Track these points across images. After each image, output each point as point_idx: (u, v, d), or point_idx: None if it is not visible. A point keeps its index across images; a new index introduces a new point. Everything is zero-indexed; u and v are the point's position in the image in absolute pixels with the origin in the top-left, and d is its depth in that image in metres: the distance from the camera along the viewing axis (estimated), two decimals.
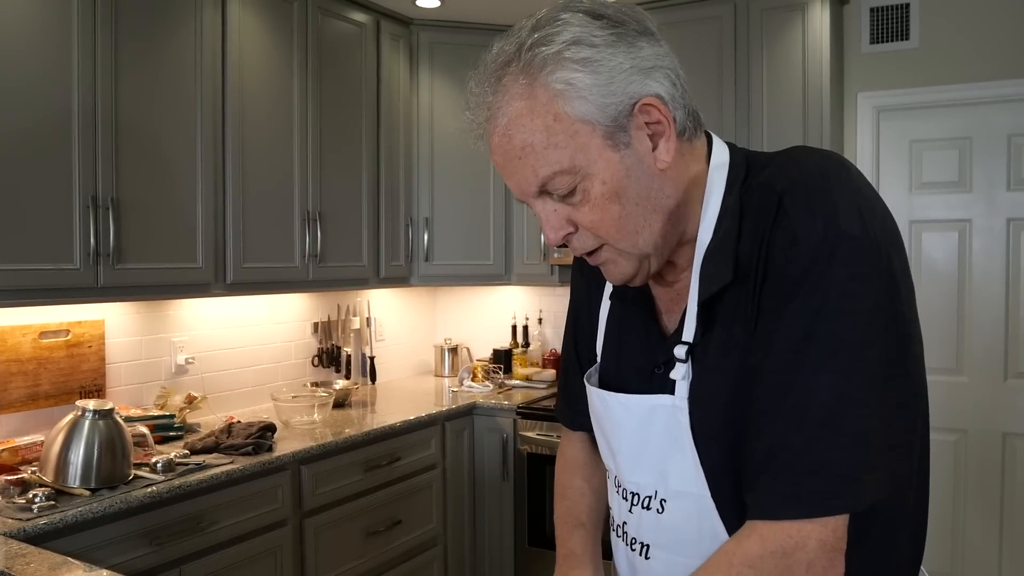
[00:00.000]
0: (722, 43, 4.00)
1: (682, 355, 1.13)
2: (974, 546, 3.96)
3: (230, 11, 3.34)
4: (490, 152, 1.12)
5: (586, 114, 1.04)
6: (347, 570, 3.40)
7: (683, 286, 1.19)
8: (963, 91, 3.93)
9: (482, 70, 1.11)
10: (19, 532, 2.24)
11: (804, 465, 0.98)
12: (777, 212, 1.04)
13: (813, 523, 0.98)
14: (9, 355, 2.95)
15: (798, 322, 1.01)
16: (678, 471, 1.15)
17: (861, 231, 1.00)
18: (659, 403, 1.16)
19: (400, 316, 4.99)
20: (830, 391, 0.98)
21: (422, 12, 4.34)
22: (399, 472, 3.69)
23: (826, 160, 1.09)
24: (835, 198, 1.02)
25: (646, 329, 1.25)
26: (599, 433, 1.32)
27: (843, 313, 0.99)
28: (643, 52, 1.07)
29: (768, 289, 1.05)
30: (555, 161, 1.05)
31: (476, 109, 1.11)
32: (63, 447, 2.54)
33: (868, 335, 1.00)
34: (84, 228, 2.80)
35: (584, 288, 1.42)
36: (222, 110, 3.33)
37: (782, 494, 0.99)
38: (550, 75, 1.04)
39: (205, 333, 3.74)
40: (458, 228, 4.55)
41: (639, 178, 1.08)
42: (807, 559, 0.98)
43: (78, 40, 2.78)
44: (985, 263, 3.94)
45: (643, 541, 1.22)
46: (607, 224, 1.09)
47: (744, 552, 1.00)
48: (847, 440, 0.97)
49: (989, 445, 3.94)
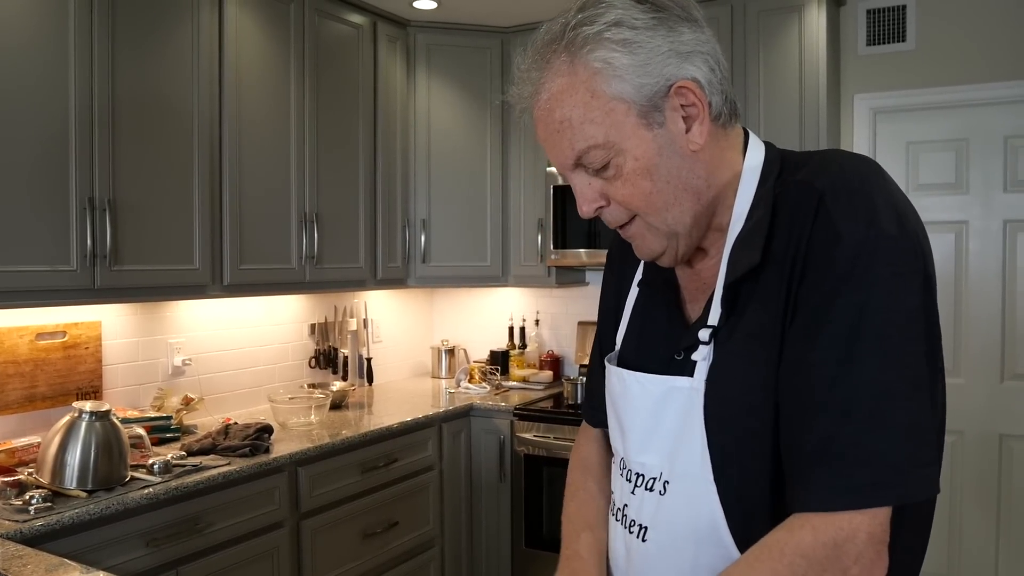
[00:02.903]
0: (719, 44, 3.99)
1: (705, 338, 1.15)
2: (971, 547, 3.96)
3: (227, 13, 3.34)
4: (535, 124, 1.18)
5: (622, 93, 1.10)
6: (344, 572, 3.39)
7: (710, 275, 1.22)
8: (960, 93, 3.93)
9: (529, 48, 1.17)
10: (16, 534, 2.23)
11: (855, 457, 1.00)
12: (818, 210, 1.07)
13: (863, 515, 1.00)
14: (6, 357, 2.95)
15: (844, 317, 1.03)
16: (685, 454, 1.17)
17: (900, 232, 1.04)
18: (677, 384, 1.18)
19: (397, 317, 4.99)
20: (878, 385, 1.01)
21: (419, 14, 4.34)
22: (396, 474, 3.69)
23: (864, 164, 1.12)
24: (875, 200, 1.06)
25: (668, 316, 1.28)
26: (611, 414, 1.34)
27: (888, 310, 1.02)
28: (683, 37, 1.12)
29: (809, 284, 1.07)
30: (590, 136, 1.11)
31: (522, 84, 1.17)
32: (60, 449, 2.54)
33: (913, 332, 1.03)
34: (81, 230, 2.80)
35: (614, 284, 1.46)
36: (219, 112, 3.33)
37: (834, 486, 1.01)
38: (590, 53, 1.10)
39: (202, 335, 3.74)
40: (455, 230, 4.55)
41: (671, 157, 1.13)
42: (856, 551, 1.00)
43: (74, 41, 2.78)
44: (982, 265, 3.95)
45: (642, 523, 1.23)
46: (638, 199, 1.14)
47: (797, 542, 1.02)
48: (896, 432, 1.00)
49: (986, 447, 3.94)
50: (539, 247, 4.53)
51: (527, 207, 4.57)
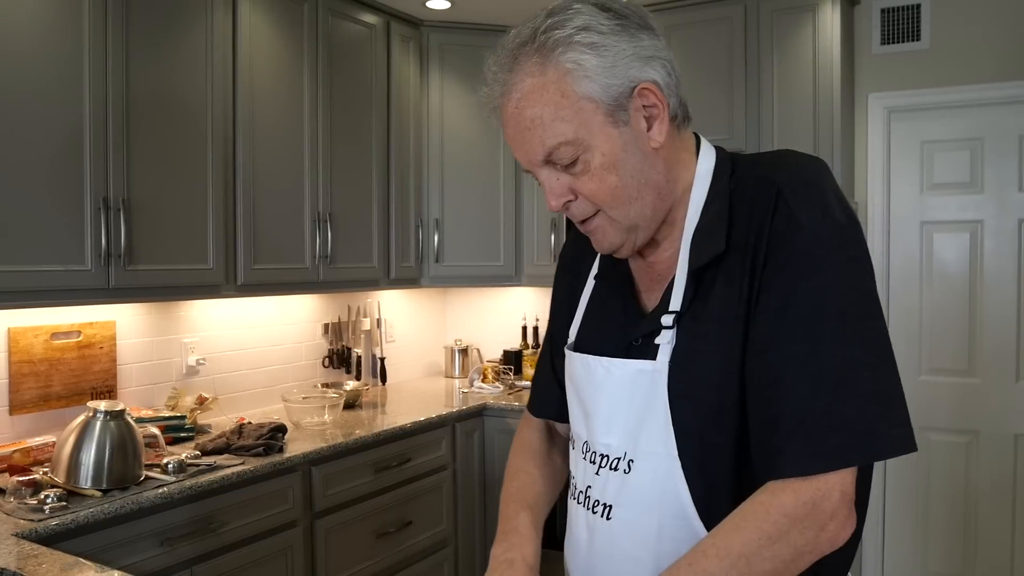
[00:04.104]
0: (732, 44, 3.99)
1: (669, 323, 1.23)
2: (986, 547, 3.94)
3: (241, 12, 3.35)
4: (502, 124, 1.25)
5: (591, 92, 1.17)
6: (358, 571, 3.40)
7: (664, 266, 1.31)
8: (975, 92, 3.91)
9: (499, 51, 1.24)
10: (31, 533, 2.24)
11: (828, 425, 1.09)
12: (777, 202, 1.18)
13: (836, 475, 1.10)
14: (21, 356, 2.96)
15: (808, 299, 1.13)
16: (648, 432, 1.24)
17: (848, 221, 1.17)
18: (641, 367, 1.25)
19: (410, 317, 5.00)
20: (844, 358, 1.11)
21: (432, 13, 4.34)
22: (409, 473, 3.69)
23: (815, 161, 1.24)
24: (827, 193, 1.18)
25: (625, 306, 1.36)
26: (574, 400, 1.40)
27: (847, 290, 1.13)
28: (644, 43, 1.20)
29: (773, 268, 1.16)
30: (561, 133, 1.18)
31: (492, 84, 1.24)
32: (75, 448, 2.55)
33: (869, 309, 1.14)
34: (95, 229, 2.81)
35: (568, 282, 1.54)
36: (233, 111, 3.34)
37: (810, 453, 1.10)
38: (561, 55, 1.17)
39: (216, 334, 3.75)
40: (468, 229, 4.55)
41: (634, 154, 1.21)
42: (832, 507, 1.10)
43: (89, 41, 2.79)
44: (997, 264, 3.93)
45: (606, 502, 1.29)
46: (604, 193, 1.22)
47: (780, 504, 1.10)
48: (863, 399, 1.10)
49: (1001, 446, 3.92)
50: (552, 247, 4.53)
51: (540, 206, 4.56)
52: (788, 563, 1.11)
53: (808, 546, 1.11)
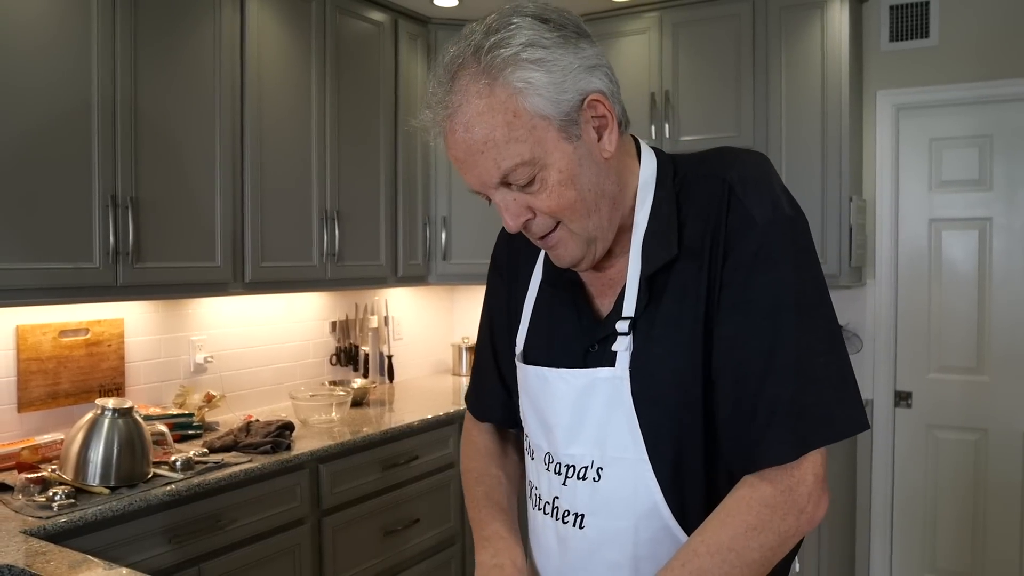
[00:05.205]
0: (740, 41, 3.98)
1: (624, 329, 1.24)
2: (995, 545, 3.93)
3: (249, 10, 3.35)
4: (448, 148, 1.21)
5: (543, 109, 1.14)
6: (365, 569, 3.40)
7: (617, 272, 1.31)
8: (983, 89, 3.90)
9: (440, 72, 1.21)
10: (39, 530, 2.25)
11: (796, 413, 1.13)
12: (730, 199, 1.20)
13: (807, 460, 1.14)
14: (29, 354, 2.97)
15: (767, 293, 1.16)
16: (615, 438, 1.25)
17: (795, 213, 1.20)
18: (599, 375, 1.25)
19: (418, 315, 5.00)
20: (804, 348, 1.14)
21: (439, 11, 4.34)
22: (417, 471, 3.70)
23: (759, 157, 1.27)
24: (774, 187, 1.21)
25: (578, 313, 1.34)
26: (531, 412, 1.39)
27: (802, 281, 1.17)
28: (586, 52, 1.18)
29: (732, 265, 1.19)
30: (516, 154, 1.15)
31: (436, 108, 1.20)
32: (83, 445, 2.55)
33: (820, 296, 1.19)
34: (104, 227, 2.82)
35: (503, 286, 1.53)
36: (240, 109, 3.34)
37: (783, 441, 1.13)
38: (511, 75, 1.13)
39: (223, 332, 3.76)
40: (476, 227, 4.54)
41: (589, 166, 1.19)
42: (807, 490, 1.14)
43: (98, 39, 2.80)
44: (1006, 262, 3.91)
45: (577, 512, 1.29)
46: (563, 208, 1.19)
47: (760, 495, 1.14)
48: (824, 385, 1.14)
49: (1010, 444, 3.91)
50: None
51: None
52: (775, 549, 1.14)
53: (791, 530, 1.14)
